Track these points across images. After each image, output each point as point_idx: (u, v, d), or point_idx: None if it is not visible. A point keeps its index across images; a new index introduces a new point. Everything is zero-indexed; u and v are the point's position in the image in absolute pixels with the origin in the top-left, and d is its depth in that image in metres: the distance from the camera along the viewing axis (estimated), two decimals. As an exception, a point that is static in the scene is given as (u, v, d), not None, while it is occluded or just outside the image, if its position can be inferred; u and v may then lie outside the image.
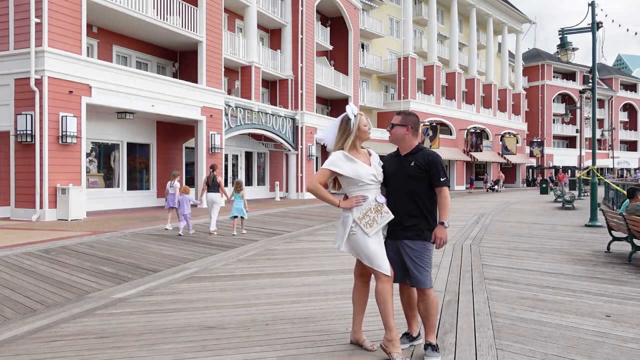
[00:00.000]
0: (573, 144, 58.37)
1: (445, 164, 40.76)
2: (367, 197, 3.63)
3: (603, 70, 63.83)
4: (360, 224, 3.58)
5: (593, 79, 13.66)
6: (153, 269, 7.16)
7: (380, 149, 35.30)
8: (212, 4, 18.68)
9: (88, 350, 3.82)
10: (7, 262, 7.10)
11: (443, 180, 3.58)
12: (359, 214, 3.60)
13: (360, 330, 3.80)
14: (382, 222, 3.61)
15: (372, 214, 3.59)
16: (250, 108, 20.89)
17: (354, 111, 3.77)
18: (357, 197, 3.63)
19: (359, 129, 3.72)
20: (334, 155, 3.70)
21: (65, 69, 13.25)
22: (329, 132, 3.85)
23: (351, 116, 3.76)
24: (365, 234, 3.58)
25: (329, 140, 3.83)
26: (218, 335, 4.11)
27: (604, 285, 5.91)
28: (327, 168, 3.64)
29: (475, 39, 43.64)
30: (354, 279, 3.86)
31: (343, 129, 3.75)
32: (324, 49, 29.36)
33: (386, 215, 3.62)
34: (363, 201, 3.61)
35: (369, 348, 3.71)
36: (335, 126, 3.82)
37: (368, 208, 3.60)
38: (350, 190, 3.69)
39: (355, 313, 3.81)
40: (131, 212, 15.74)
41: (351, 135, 3.71)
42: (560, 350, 3.73)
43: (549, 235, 10.90)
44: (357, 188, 3.66)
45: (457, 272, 6.62)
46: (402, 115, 3.77)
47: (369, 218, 3.59)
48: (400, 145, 3.76)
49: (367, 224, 3.58)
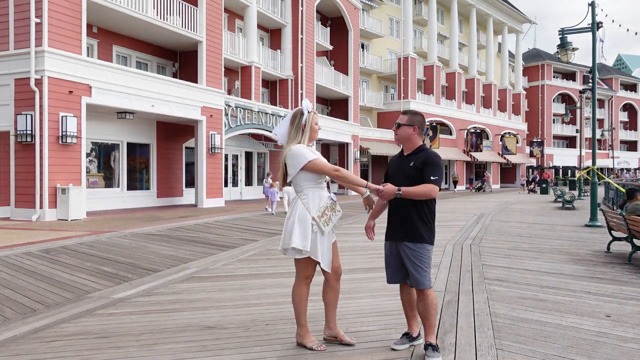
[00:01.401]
0: (573, 144, 58.38)
1: (445, 164, 40.47)
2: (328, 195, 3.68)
3: (603, 70, 63.84)
4: (319, 223, 3.55)
5: (593, 79, 13.66)
6: (153, 269, 7.15)
7: (380, 149, 35.20)
8: (212, 4, 18.68)
9: (88, 350, 3.81)
10: (7, 262, 7.10)
11: (433, 179, 3.51)
12: (318, 212, 3.57)
13: (335, 325, 3.84)
14: (335, 220, 3.66)
15: (329, 212, 3.61)
16: (250, 108, 20.89)
17: (308, 107, 3.72)
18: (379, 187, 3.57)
19: (311, 127, 3.68)
20: (298, 147, 3.60)
21: (65, 69, 13.25)
22: (282, 126, 3.77)
23: (305, 111, 3.70)
24: (322, 233, 3.57)
25: (282, 134, 3.76)
26: (218, 335, 4.11)
27: (604, 285, 5.90)
28: (316, 157, 3.59)
29: (475, 39, 43.65)
30: (299, 281, 3.76)
31: (297, 124, 3.68)
32: (324, 49, 29.36)
33: (338, 213, 3.68)
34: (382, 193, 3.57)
35: (349, 341, 3.77)
36: (287, 120, 3.75)
37: (325, 206, 3.60)
38: (304, 186, 3.63)
39: (303, 313, 3.76)
40: (131, 212, 15.74)
41: (307, 131, 3.66)
42: (560, 350, 3.72)
43: (549, 235, 10.90)
44: (313, 184, 3.62)
45: (457, 272, 6.62)
46: (408, 114, 3.72)
47: (327, 217, 3.59)
48: (405, 145, 3.72)
49: (325, 222, 3.58)
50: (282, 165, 3.70)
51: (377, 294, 5.45)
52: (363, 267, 7.10)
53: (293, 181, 3.66)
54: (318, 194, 3.63)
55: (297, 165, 3.57)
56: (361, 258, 7.88)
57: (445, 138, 39.14)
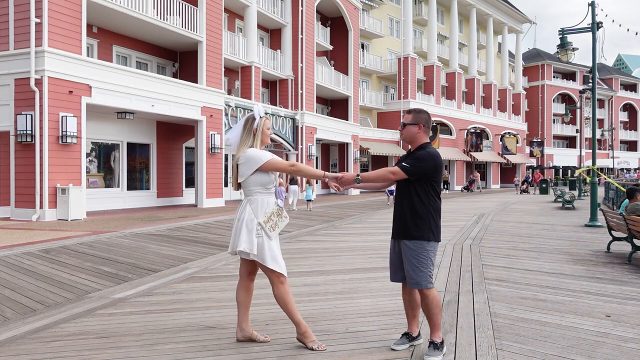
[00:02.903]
0: (573, 144, 58.39)
1: (445, 164, 40.30)
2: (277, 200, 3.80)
3: (603, 70, 63.85)
4: (265, 228, 3.63)
5: (593, 79, 13.66)
6: (153, 269, 7.15)
7: (380, 149, 35.18)
8: (212, 4, 18.68)
9: (88, 350, 3.81)
10: (7, 262, 7.10)
11: (402, 165, 3.56)
12: (264, 217, 3.65)
13: (248, 325, 3.91)
14: (282, 225, 3.73)
15: (275, 218, 3.69)
16: (250, 108, 20.87)
17: (260, 112, 3.81)
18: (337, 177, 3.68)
19: (263, 131, 3.77)
20: (252, 151, 3.68)
21: (65, 69, 13.24)
22: (235, 131, 3.86)
23: (257, 116, 3.79)
24: (268, 237, 3.64)
25: (235, 139, 3.83)
26: (218, 335, 4.11)
27: (604, 285, 5.91)
28: (272, 157, 3.67)
29: (475, 39, 43.64)
30: (241, 280, 3.89)
31: (248, 129, 3.77)
32: (324, 49, 29.36)
33: (285, 219, 3.75)
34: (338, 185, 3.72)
35: (264, 339, 3.88)
36: (240, 126, 3.84)
37: (272, 212, 3.68)
38: (253, 190, 3.70)
39: (242, 313, 3.89)
40: (131, 212, 15.74)
41: (258, 135, 3.75)
42: (560, 350, 3.73)
43: (549, 235, 10.90)
44: (262, 189, 3.70)
45: (457, 272, 6.62)
46: (412, 113, 3.70)
47: (273, 222, 3.67)
48: (412, 144, 3.71)
49: (271, 227, 3.65)
50: (234, 168, 3.77)
51: (377, 294, 5.45)
52: (363, 267, 7.10)
53: (243, 184, 3.73)
54: (266, 200, 3.71)
55: (253, 166, 3.63)
56: (361, 258, 7.88)
57: (445, 138, 39.14)
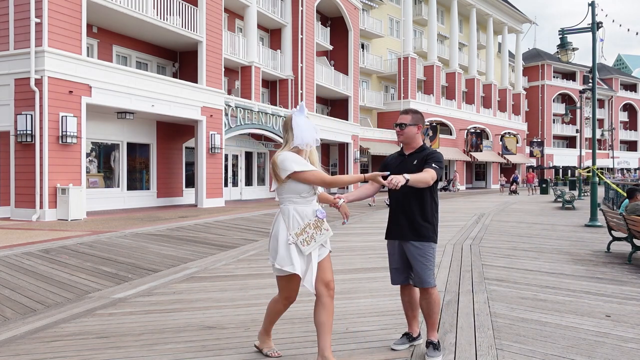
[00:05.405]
0: (573, 144, 58.39)
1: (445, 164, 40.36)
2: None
3: (603, 70, 63.84)
4: (297, 241, 3.21)
5: (593, 79, 13.66)
6: (153, 269, 7.15)
7: (380, 149, 35.20)
8: (212, 4, 18.68)
9: (88, 350, 3.81)
10: (7, 262, 7.10)
11: (434, 166, 3.51)
12: (297, 229, 3.22)
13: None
14: (320, 240, 3.25)
15: (311, 230, 3.24)
16: (250, 108, 20.89)
17: (304, 111, 3.48)
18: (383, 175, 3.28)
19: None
20: (293, 155, 3.28)
21: (65, 69, 13.24)
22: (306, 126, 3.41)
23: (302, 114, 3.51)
24: (301, 252, 3.21)
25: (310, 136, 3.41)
26: (218, 335, 4.11)
27: (604, 285, 5.90)
28: (305, 170, 3.26)
29: (475, 39, 43.65)
30: (279, 297, 3.54)
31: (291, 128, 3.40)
32: (324, 49, 29.36)
33: (325, 232, 3.27)
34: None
35: (277, 354, 3.63)
36: (309, 122, 3.45)
37: (307, 223, 3.25)
38: (288, 198, 3.30)
39: (270, 323, 3.65)
40: (131, 212, 15.74)
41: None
42: (560, 350, 3.73)
43: (549, 235, 10.90)
44: (299, 198, 3.29)
45: (457, 272, 6.62)
46: (410, 114, 3.74)
47: (307, 235, 3.22)
48: (410, 144, 3.74)
49: (305, 240, 3.21)
50: (271, 169, 3.38)
51: (377, 294, 5.46)
52: (363, 267, 7.10)
53: (277, 191, 3.36)
54: (301, 209, 3.29)
55: (282, 174, 3.26)
56: (361, 258, 7.88)
57: (445, 138, 39.14)
